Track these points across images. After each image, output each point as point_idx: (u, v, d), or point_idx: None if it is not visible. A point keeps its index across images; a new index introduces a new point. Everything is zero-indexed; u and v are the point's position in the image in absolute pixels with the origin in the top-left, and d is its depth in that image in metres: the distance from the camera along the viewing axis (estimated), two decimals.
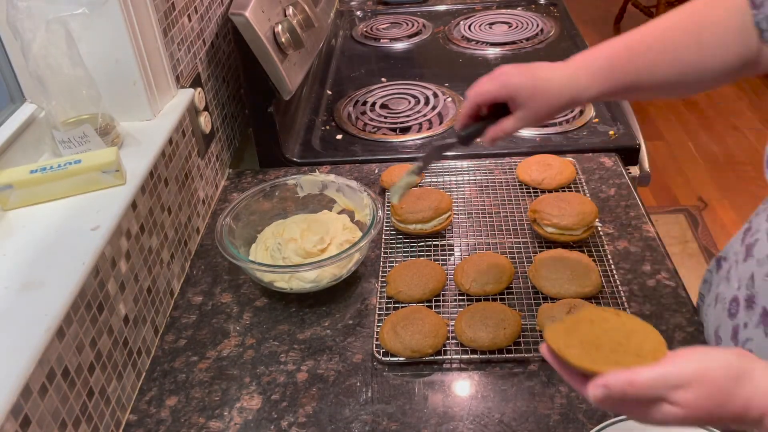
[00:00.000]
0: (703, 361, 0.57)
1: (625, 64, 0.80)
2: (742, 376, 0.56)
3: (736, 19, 0.76)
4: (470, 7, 2.13)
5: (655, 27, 0.81)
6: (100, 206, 0.88)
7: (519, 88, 0.79)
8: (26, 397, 0.67)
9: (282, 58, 1.29)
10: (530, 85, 0.79)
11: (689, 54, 0.78)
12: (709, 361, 0.57)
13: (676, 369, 0.56)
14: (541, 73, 0.80)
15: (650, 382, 0.55)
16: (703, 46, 0.78)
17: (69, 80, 0.94)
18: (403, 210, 1.11)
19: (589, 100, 0.83)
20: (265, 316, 1.02)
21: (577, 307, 0.91)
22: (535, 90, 0.79)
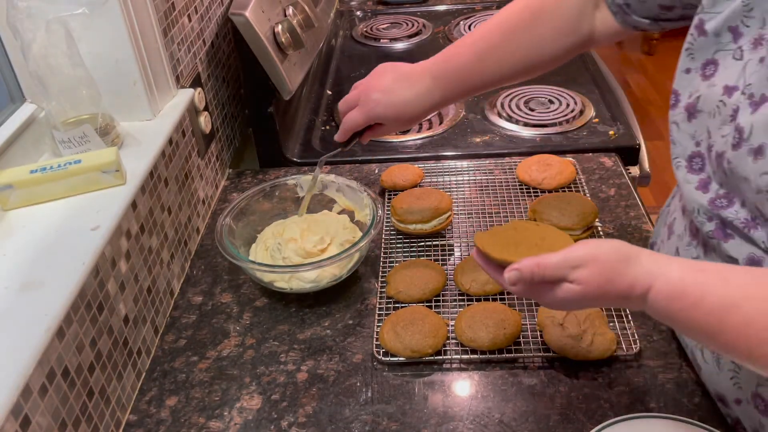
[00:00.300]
0: (597, 246, 0.65)
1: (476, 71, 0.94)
2: (630, 258, 0.63)
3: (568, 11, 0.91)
4: (470, 7, 2.13)
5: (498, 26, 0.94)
6: (100, 206, 0.88)
7: (383, 118, 0.96)
8: (26, 397, 0.67)
9: (282, 58, 1.29)
10: (392, 114, 0.95)
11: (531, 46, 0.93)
12: (602, 245, 0.65)
13: (573, 252, 0.65)
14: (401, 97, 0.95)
15: (553, 264, 0.64)
16: (543, 37, 0.92)
17: (69, 80, 0.94)
18: (403, 210, 1.11)
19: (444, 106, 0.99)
20: (265, 316, 1.02)
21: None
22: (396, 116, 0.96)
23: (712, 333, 0.60)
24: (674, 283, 0.62)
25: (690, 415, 0.81)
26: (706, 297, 0.60)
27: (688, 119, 0.75)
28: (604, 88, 1.57)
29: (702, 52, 0.74)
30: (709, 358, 0.80)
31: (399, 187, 1.23)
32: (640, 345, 0.90)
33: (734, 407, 0.77)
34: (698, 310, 0.60)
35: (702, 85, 0.73)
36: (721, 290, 0.60)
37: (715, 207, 0.71)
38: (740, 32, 0.69)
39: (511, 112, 1.49)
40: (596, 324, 0.89)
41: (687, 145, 0.76)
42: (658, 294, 0.62)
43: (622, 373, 0.88)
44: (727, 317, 0.58)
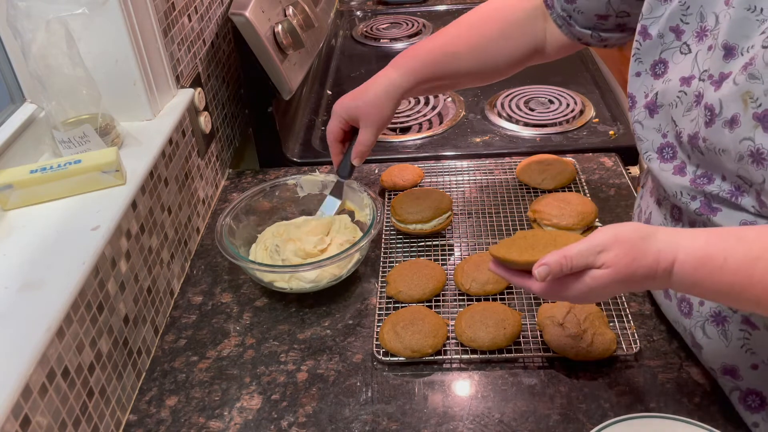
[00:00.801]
0: (615, 228, 0.67)
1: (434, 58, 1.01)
2: (650, 236, 0.66)
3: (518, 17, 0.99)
4: (470, 7, 2.12)
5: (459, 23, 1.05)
6: (100, 206, 0.88)
7: (355, 114, 1.02)
8: (26, 397, 0.67)
9: (282, 58, 1.29)
10: (362, 107, 1.02)
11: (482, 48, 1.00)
12: (620, 227, 0.67)
13: (596, 238, 0.66)
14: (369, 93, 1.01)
15: (579, 252, 0.66)
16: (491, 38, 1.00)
17: (69, 80, 0.94)
18: (403, 210, 1.11)
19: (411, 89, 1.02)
20: (265, 316, 1.02)
21: (576, 307, 0.91)
22: (367, 109, 1.01)
23: (741, 290, 0.62)
24: (696, 252, 0.64)
25: (690, 415, 0.81)
26: (729, 258, 0.62)
27: (650, 115, 0.81)
28: (604, 88, 1.57)
29: (649, 55, 0.81)
30: (713, 333, 0.80)
31: (399, 187, 1.23)
32: (640, 345, 0.90)
33: (749, 374, 0.78)
34: (725, 271, 0.62)
35: (656, 83, 0.80)
36: (741, 248, 0.62)
37: (698, 185, 0.75)
38: (681, 30, 0.76)
39: (511, 112, 1.49)
40: (596, 324, 0.89)
41: (654, 138, 0.81)
42: (683, 265, 0.64)
43: (622, 373, 0.88)
44: (753, 271, 0.61)
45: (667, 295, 0.88)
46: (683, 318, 0.85)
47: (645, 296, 0.99)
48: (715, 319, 0.79)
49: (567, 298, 0.69)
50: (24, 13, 0.89)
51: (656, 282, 0.66)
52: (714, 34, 0.72)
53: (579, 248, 0.66)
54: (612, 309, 0.96)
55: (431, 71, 1.01)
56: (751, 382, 0.78)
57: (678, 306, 0.85)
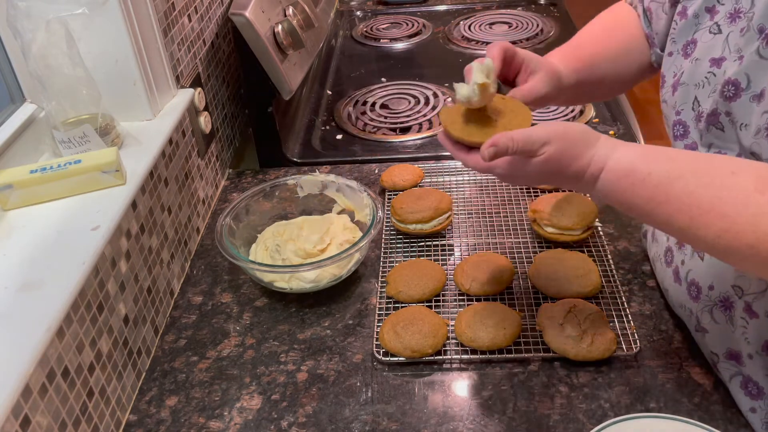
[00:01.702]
0: (567, 126, 0.70)
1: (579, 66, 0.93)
2: (592, 142, 0.70)
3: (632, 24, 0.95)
4: (470, 7, 2.13)
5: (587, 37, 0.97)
6: (100, 206, 0.88)
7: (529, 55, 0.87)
8: (26, 397, 0.67)
9: (282, 58, 1.29)
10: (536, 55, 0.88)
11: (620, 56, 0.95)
12: (571, 127, 0.71)
13: (545, 130, 0.69)
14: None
15: (525, 140, 0.69)
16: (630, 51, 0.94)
17: (69, 80, 0.94)
18: (403, 210, 1.11)
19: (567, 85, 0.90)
20: (265, 316, 1.02)
21: (577, 307, 0.92)
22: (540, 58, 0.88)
23: (657, 205, 0.65)
24: (624, 163, 0.68)
25: (690, 415, 0.81)
26: (654, 173, 0.66)
27: (673, 93, 0.82)
28: None
29: (682, 35, 0.81)
30: (720, 318, 0.80)
31: (399, 187, 1.23)
32: (640, 345, 0.90)
33: (748, 362, 0.78)
34: (646, 185, 0.66)
35: (685, 63, 0.80)
36: (667, 166, 0.66)
37: None
38: (716, 10, 0.77)
39: None
40: (596, 324, 0.89)
41: (669, 114, 0.83)
42: (609, 173, 0.68)
43: (622, 373, 0.88)
44: (671, 189, 0.64)
45: (677, 279, 0.88)
46: (691, 301, 0.85)
47: (645, 296, 0.99)
48: (723, 304, 0.79)
49: (496, 173, 0.73)
50: (24, 13, 0.89)
51: (581, 184, 0.70)
52: (748, 16, 0.72)
53: (526, 136, 0.69)
54: (612, 309, 0.96)
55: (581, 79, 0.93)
56: (750, 369, 0.78)
57: (687, 289, 0.85)
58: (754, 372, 0.78)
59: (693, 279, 0.84)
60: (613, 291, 0.99)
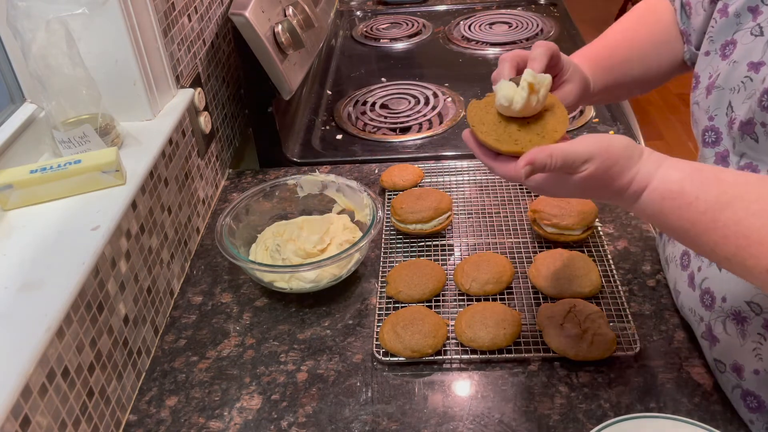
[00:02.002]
0: (609, 141, 0.65)
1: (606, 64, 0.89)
2: (635, 157, 0.65)
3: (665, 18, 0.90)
4: (470, 7, 2.13)
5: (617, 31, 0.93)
6: (100, 206, 0.88)
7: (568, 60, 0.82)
8: (26, 397, 0.67)
9: (282, 58, 1.29)
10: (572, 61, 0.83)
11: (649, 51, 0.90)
12: (614, 141, 0.65)
13: (588, 147, 0.64)
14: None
15: (565, 158, 0.64)
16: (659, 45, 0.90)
17: (69, 80, 0.94)
18: (403, 210, 1.11)
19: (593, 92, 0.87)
20: (265, 316, 1.02)
21: (577, 307, 0.92)
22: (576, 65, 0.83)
23: (703, 232, 0.61)
24: (670, 183, 0.63)
25: (690, 415, 0.81)
26: (701, 197, 0.61)
27: (706, 96, 0.77)
28: None
29: (721, 34, 0.76)
30: (732, 330, 0.79)
31: (399, 187, 1.23)
32: (640, 345, 0.90)
33: (751, 378, 0.77)
34: (692, 209, 0.61)
35: (722, 64, 0.75)
36: (717, 189, 0.61)
37: None
38: (760, 11, 0.72)
39: None
40: (596, 324, 0.89)
41: (701, 119, 0.78)
42: (653, 192, 0.64)
43: (622, 373, 0.88)
44: (719, 215, 0.60)
45: (690, 284, 0.87)
46: (703, 309, 0.84)
47: (645, 296, 0.99)
48: (736, 318, 0.78)
49: (529, 185, 0.69)
50: (24, 13, 0.89)
51: (623, 201, 0.66)
52: None
53: (567, 154, 0.64)
54: (612, 309, 0.96)
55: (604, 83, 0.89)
56: (751, 384, 0.78)
57: (701, 297, 0.84)
58: (757, 387, 0.77)
59: (708, 287, 0.83)
60: (613, 291, 0.99)
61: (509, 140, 0.69)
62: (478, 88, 1.61)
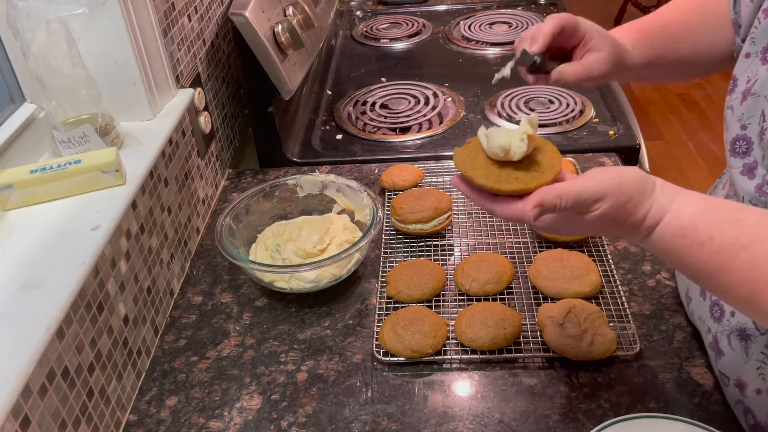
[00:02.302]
0: (621, 175, 0.62)
1: (654, 40, 0.84)
2: (648, 191, 0.62)
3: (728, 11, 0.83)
4: (470, 7, 2.13)
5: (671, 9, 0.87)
6: (100, 206, 0.88)
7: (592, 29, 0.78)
8: (26, 397, 0.67)
9: (282, 58, 1.29)
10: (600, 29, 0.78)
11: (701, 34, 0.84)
12: (625, 175, 0.62)
13: (600, 185, 0.61)
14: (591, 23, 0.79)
15: (577, 199, 0.61)
16: (711, 29, 0.84)
17: (69, 80, 0.94)
18: (403, 210, 1.11)
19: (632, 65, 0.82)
20: (265, 316, 1.02)
21: (577, 307, 0.91)
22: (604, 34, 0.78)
23: (715, 272, 0.59)
24: (684, 219, 0.60)
25: (690, 415, 0.81)
26: (716, 237, 0.58)
27: (741, 101, 0.73)
28: (604, 88, 1.57)
29: (764, 37, 0.72)
30: (736, 345, 0.79)
31: (399, 187, 1.23)
32: (640, 345, 0.90)
33: (752, 396, 0.77)
34: (705, 248, 0.59)
35: (762, 69, 0.71)
36: (734, 231, 0.58)
37: (763, 193, 0.69)
38: None
39: (511, 112, 1.49)
40: (596, 324, 0.89)
41: (733, 127, 0.74)
42: (665, 228, 0.61)
43: (622, 373, 0.88)
44: (735, 258, 0.57)
45: (702, 293, 0.86)
46: (711, 320, 0.83)
47: (645, 296, 0.99)
48: (740, 334, 0.77)
49: (537, 226, 0.66)
50: (24, 13, 0.89)
51: (636, 237, 0.64)
52: None
53: (579, 193, 0.61)
54: (612, 309, 0.96)
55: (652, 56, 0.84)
56: (752, 403, 0.77)
57: (710, 308, 0.83)
58: (757, 407, 0.76)
59: (718, 300, 0.81)
60: (613, 291, 0.99)
61: (510, 179, 0.66)
62: (478, 88, 1.61)
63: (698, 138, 3.27)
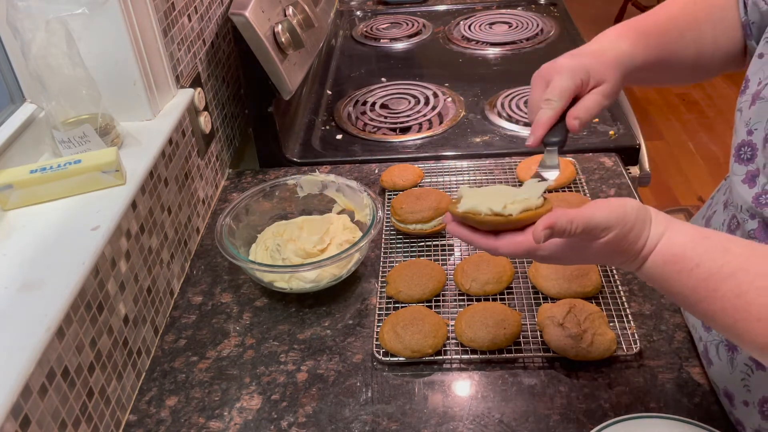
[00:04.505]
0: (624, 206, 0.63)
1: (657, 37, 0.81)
2: (647, 221, 0.63)
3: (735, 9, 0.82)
4: (470, 7, 2.13)
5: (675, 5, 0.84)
6: (100, 206, 0.88)
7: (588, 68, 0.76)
8: (26, 397, 0.67)
9: (282, 58, 1.29)
10: (594, 61, 0.76)
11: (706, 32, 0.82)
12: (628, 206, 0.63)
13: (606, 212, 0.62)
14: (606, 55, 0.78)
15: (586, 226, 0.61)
16: (716, 26, 0.82)
17: (69, 80, 0.94)
18: (403, 210, 1.11)
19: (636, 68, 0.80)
20: (265, 316, 1.02)
21: (577, 307, 0.91)
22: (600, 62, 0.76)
23: (702, 299, 0.60)
24: (674, 247, 0.62)
25: (690, 415, 0.81)
26: (704, 264, 0.60)
27: (750, 105, 0.72)
28: None
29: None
30: (723, 355, 0.79)
31: (399, 187, 1.23)
32: (640, 345, 0.90)
33: (741, 408, 0.77)
34: (693, 275, 0.60)
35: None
36: (720, 259, 0.59)
37: (759, 204, 0.70)
38: None
39: (511, 112, 1.49)
40: (596, 324, 0.89)
41: (740, 132, 0.74)
42: (658, 255, 0.62)
43: (622, 373, 0.88)
44: (720, 286, 0.58)
45: None
46: (703, 330, 0.84)
47: (645, 296, 0.99)
48: (727, 344, 0.77)
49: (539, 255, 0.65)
50: (24, 13, 0.89)
51: (633, 265, 0.65)
52: None
53: (589, 220, 0.61)
54: (612, 309, 0.96)
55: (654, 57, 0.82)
56: (740, 414, 0.77)
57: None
58: (745, 419, 0.76)
59: None
60: (613, 291, 0.99)
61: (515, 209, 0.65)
62: (478, 88, 1.61)
63: (698, 138, 3.27)
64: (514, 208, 0.64)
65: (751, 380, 0.74)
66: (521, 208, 0.64)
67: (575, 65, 0.75)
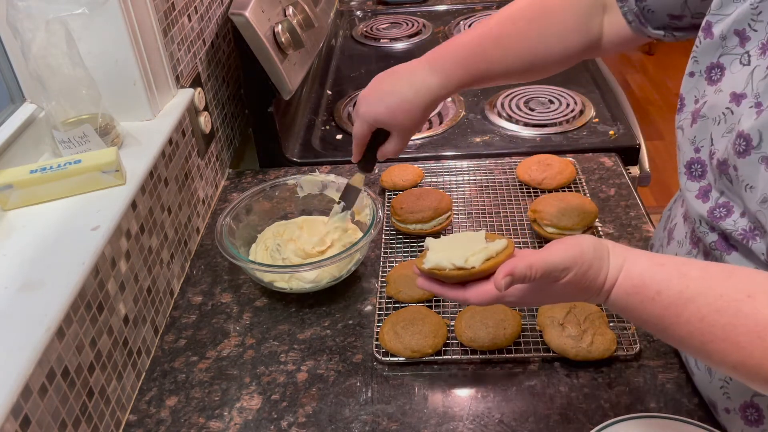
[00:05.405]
0: (580, 245, 0.65)
1: (477, 57, 0.87)
2: (604, 256, 0.65)
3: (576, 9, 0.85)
4: (470, 7, 2.13)
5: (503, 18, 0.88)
6: (100, 206, 0.88)
7: (381, 119, 0.89)
8: (26, 397, 0.67)
9: (282, 58, 1.29)
10: (387, 112, 0.88)
11: (535, 43, 0.86)
12: (584, 244, 0.65)
13: (565, 256, 0.64)
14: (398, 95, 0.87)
15: (546, 269, 0.63)
16: (548, 36, 0.86)
17: (69, 80, 0.94)
18: (403, 210, 1.11)
19: (448, 95, 0.89)
20: (265, 316, 1.02)
21: (577, 307, 0.91)
22: (393, 113, 0.88)
23: (668, 326, 0.61)
24: (633, 277, 0.63)
25: (690, 415, 0.81)
26: (664, 292, 0.60)
27: (691, 124, 0.74)
28: (604, 88, 1.57)
29: (706, 56, 0.72)
30: (701, 365, 0.80)
31: (399, 187, 1.23)
32: (640, 345, 0.90)
33: (724, 416, 0.77)
34: (655, 304, 0.61)
35: (709, 90, 0.72)
36: (678, 285, 0.60)
37: (714, 218, 0.71)
38: (747, 36, 0.68)
39: (511, 112, 1.49)
40: (596, 324, 0.89)
41: (687, 150, 0.76)
42: (619, 288, 0.63)
43: (622, 373, 0.88)
44: (683, 311, 0.59)
45: None
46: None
47: None
48: None
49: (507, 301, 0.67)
50: (24, 13, 0.89)
51: (599, 299, 0.66)
52: None
53: (548, 264, 0.63)
54: None
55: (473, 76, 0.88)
56: (725, 421, 0.77)
57: None
58: (730, 426, 0.77)
59: None
60: None
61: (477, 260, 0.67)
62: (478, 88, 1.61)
63: None
64: (476, 260, 0.66)
65: (730, 388, 0.75)
66: (483, 258, 0.66)
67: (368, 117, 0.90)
